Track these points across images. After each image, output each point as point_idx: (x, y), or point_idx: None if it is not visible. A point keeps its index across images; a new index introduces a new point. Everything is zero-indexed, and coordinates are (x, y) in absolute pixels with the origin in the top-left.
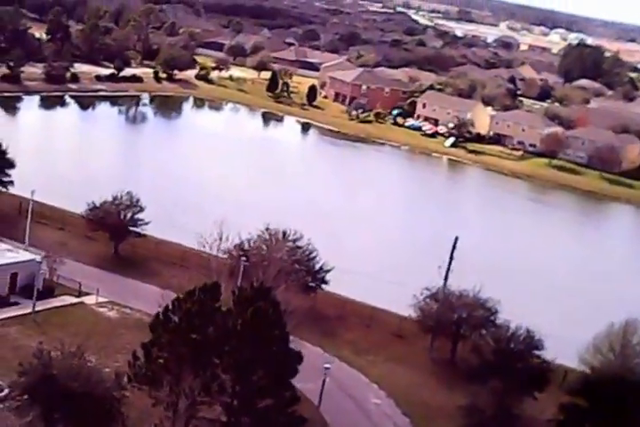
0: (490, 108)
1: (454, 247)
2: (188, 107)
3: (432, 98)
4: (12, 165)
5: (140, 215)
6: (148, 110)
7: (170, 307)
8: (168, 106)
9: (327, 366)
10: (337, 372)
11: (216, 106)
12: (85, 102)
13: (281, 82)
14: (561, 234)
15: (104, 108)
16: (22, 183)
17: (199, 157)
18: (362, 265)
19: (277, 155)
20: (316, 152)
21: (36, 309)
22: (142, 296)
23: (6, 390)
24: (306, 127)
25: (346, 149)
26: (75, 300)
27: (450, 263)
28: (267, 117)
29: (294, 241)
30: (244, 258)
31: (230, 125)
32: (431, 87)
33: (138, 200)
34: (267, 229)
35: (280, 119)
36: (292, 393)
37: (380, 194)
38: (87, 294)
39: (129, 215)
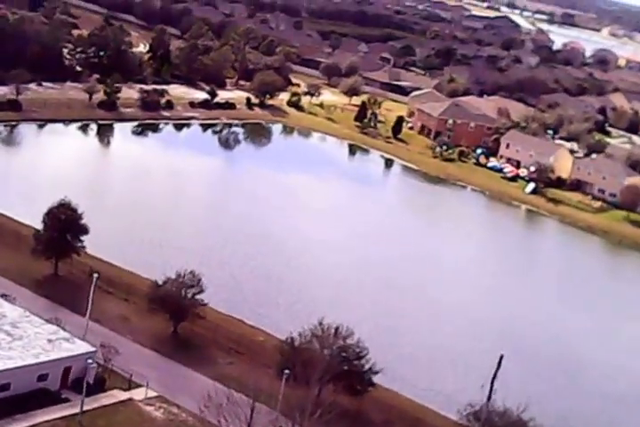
0: (575, 145)
1: (499, 366)
2: (277, 136)
3: (515, 138)
4: (85, 230)
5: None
6: (238, 142)
7: None
8: (258, 134)
9: None
10: None
11: (305, 134)
12: (177, 131)
13: (369, 112)
14: None
15: (195, 139)
16: (102, 238)
17: (281, 204)
18: (415, 352)
19: (355, 199)
20: (394, 197)
21: (84, 408)
22: (192, 390)
23: None
24: (389, 164)
25: (424, 193)
26: (124, 395)
27: (493, 382)
28: (352, 150)
29: (345, 339)
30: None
31: (314, 160)
32: (517, 125)
33: (200, 280)
34: (320, 323)
35: (365, 152)
36: None
37: (450, 254)
38: (138, 386)
39: (190, 295)
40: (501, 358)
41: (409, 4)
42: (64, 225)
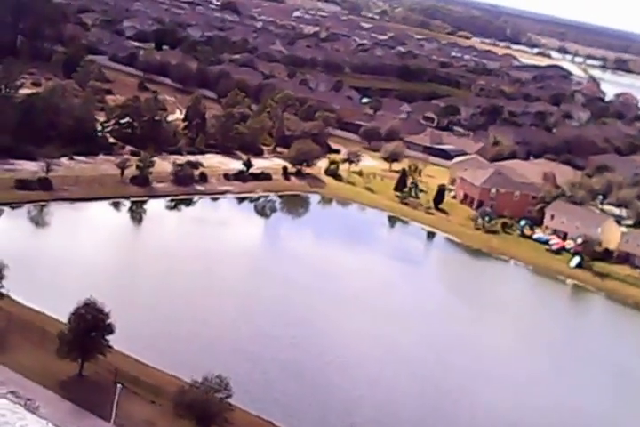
0: (624, 211)
1: None
2: (315, 207)
3: (560, 209)
4: (111, 331)
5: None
6: (275, 211)
7: None
8: (295, 205)
9: None
10: None
11: (343, 204)
12: (212, 204)
13: (409, 180)
14: None
15: (230, 213)
16: (130, 332)
17: (317, 286)
18: None
19: (395, 278)
20: (435, 275)
21: None
22: None
23: None
24: (430, 236)
25: (466, 270)
26: None
27: None
28: (392, 221)
29: None
30: None
31: (352, 233)
32: (563, 193)
33: (227, 384)
34: None
35: (405, 223)
36: None
37: (494, 343)
38: None
39: (217, 400)
40: None
41: (455, 55)
42: (89, 325)
